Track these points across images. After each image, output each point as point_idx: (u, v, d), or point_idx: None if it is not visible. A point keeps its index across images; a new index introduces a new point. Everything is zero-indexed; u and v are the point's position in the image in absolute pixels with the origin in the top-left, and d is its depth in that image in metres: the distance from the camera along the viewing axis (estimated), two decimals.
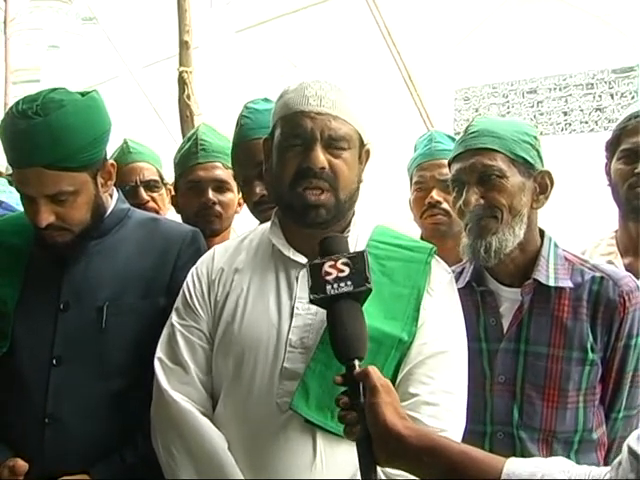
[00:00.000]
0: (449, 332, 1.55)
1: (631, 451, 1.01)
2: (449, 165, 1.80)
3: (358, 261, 1.31)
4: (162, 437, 1.55)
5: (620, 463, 1.03)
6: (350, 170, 1.56)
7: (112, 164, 1.79)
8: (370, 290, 1.31)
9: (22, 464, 1.61)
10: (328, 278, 1.30)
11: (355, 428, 1.22)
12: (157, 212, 2.44)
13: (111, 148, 2.13)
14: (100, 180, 1.74)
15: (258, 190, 1.96)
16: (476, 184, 1.69)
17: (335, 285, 1.29)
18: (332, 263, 1.31)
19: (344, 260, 1.31)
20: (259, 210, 1.99)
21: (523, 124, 1.80)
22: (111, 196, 1.85)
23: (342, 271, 1.30)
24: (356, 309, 1.30)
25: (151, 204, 2.51)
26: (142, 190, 2.51)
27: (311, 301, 1.32)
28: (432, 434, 1.25)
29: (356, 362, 1.25)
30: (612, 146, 2.02)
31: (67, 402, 1.68)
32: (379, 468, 1.23)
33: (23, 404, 1.69)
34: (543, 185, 1.73)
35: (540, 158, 1.74)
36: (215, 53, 8.76)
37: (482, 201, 1.68)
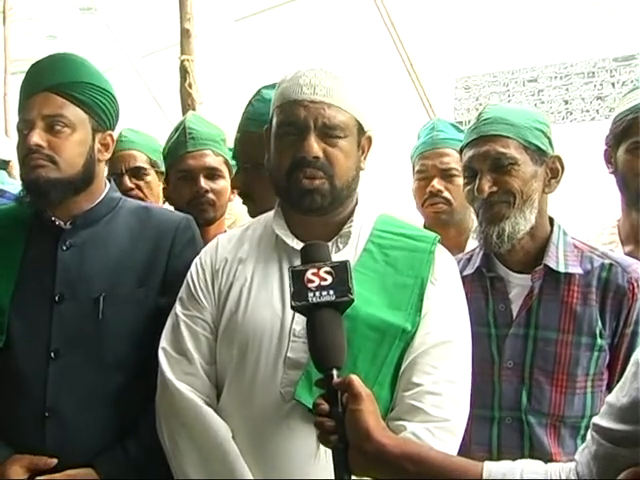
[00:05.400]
0: (453, 322, 1.55)
1: (597, 428, 1.05)
2: (460, 152, 1.80)
3: (341, 271, 1.29)
4: (167, 427, 1.55)
5: (586, 445, 1.08)
6: (347, 158, 1.55)
7: (110, 135, 1.80)
8: (352, 301, 1.29)
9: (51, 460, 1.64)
10: (310, 285, 1.27)
11: (332, 436, 1.22)
12: (142, 200, 2.38)
13: None
14: (97, 145, 1.76)
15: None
16: (489, 171, 1.69)
17: (317, 293, 1.27)
18: (315, 271, 1.29)
19: (327, 269, 1.29)
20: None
21: (534, 112, 1.81)
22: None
23: (325, 279, 1.28)
24: (337, 319, 1.28)
25: (135, 192, 2.47)
26: (126, 178, 2.49)
27: (292, 307, 1.30)
28: (413, 442, 1.26)
29: (334, 371, 1.24)
30: (619, 135, 1.99)
31: (67, 395, 1.67)
32: (353, 477, 1.22)
33: (22, 398, 1.68)
34: (554, 170, 1.75)
35: (551, 145, 1.75)
36: (214, 42, 8.73)
37: (495, 188, 1.69)
